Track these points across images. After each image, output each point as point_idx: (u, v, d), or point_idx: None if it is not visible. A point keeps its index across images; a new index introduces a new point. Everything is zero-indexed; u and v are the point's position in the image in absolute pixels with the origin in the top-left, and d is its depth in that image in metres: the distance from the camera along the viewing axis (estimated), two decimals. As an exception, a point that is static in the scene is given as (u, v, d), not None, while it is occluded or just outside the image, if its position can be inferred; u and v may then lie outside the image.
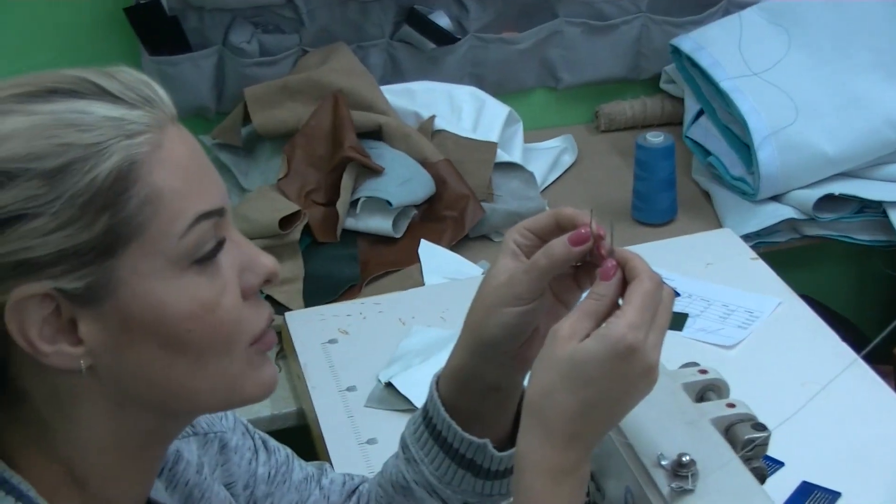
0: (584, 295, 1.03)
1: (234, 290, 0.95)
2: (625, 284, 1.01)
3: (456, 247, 2.32)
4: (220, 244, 0.94)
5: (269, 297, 2.12)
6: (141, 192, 0.89)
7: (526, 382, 1.02)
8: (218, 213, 0.94)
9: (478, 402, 1.15)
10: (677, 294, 1.04)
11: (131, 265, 0.90)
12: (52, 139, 0.87)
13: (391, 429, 1.60)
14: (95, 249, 0.88)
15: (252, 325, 0.97)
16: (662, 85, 2.80)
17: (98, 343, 0.91)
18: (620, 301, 1.01)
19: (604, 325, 0.98)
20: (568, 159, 2.67)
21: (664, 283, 1.01)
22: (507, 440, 1.18)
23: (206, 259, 0.93)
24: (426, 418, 1.18)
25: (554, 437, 0.98)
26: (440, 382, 1.17)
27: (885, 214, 2.37)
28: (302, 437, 1.84)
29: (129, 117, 0.90)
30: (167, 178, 0.90)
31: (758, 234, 2.37)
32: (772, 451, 1.23)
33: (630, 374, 0.97)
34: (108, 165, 0.88)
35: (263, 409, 1.96)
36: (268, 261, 0.98)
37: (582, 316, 0.99)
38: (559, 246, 1.05)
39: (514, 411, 1.16)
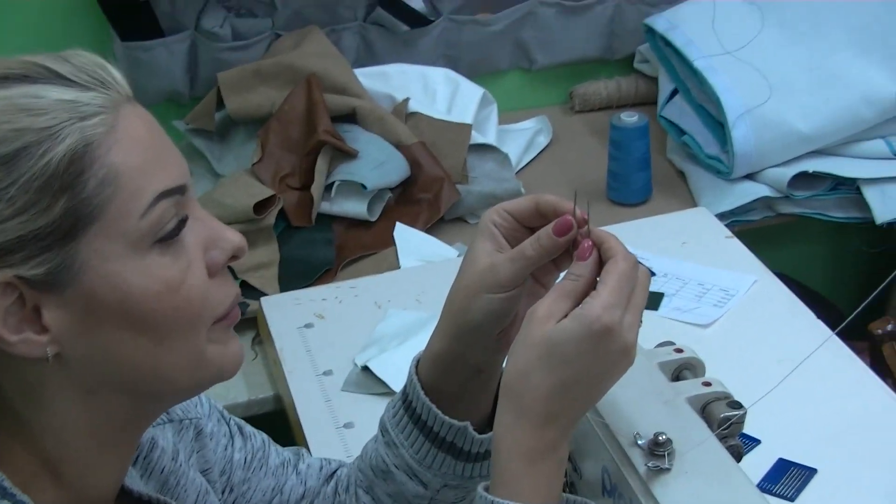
0: (562, 276, 1.03)
1: (199, 268, 0.94)
2: (601, 265, 1.01)
3: (431, 229, 2.32)
4: (182, 222, 0.93)
5: (244, 283, 2.11)
6: (98, 172, 0.88)
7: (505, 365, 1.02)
8: (179, 190, 0.93)
9: (459, 385, 1.14)
10: (653, 273, 1.04)
11: (93, 248, 0.89)
12: (5, 125, 0.86)
13: (368, 412, 1.60)
14: (55, 234, 0.87)
15: (218, 302, 0.96)
16: (636, 65, 2.80)
17: (64, 329, 0.90)
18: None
19: (580, 305, 0.98)
20: (543, 140, 2.67)
21: (640, 262, 1.01)
22: (488, 422, 1.17)
23: (168, 238, 0.92)
24: (406, 402, 1.17)
25: (530, 417, 0.98)
26: (420, 366, 1.17)
27: (858, 191, 2.39)
28: (279, 422, 1.84)
29: (82, 99, 0.89)
30: (124, 156, 0.89)
31: (733, 212, 2.38)
32: (748, 429, 1.23)
33: (607, 354, 0.97)
34: (62, 148, 0.87)
35: (240, 394, 1.95)
36: (233, 236, 0.97)
37: (559, 297, 0.99)
38: (546, 238, 1.05)
39: (495, 393, 1.16)
